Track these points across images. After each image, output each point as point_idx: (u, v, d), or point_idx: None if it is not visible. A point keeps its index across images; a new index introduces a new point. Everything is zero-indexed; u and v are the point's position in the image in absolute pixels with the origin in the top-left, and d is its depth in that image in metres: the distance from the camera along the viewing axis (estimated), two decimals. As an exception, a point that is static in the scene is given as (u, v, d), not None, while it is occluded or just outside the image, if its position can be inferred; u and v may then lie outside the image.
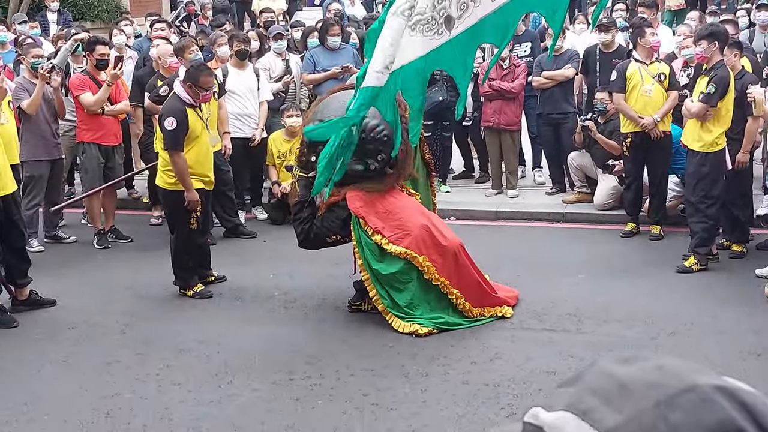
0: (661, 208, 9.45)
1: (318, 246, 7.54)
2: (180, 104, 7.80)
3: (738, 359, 6.35)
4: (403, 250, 6.94)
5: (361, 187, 7.09)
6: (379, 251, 7.03)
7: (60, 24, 15.63)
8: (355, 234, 7.07)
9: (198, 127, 7.95)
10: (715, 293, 7.72)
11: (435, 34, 4.81)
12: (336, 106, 7.06)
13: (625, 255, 8.99)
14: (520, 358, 6.51)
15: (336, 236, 7.32)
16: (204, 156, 8.12)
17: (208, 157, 8.23)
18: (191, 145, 7.90)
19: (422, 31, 4.81)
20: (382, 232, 6.97)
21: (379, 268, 7.00)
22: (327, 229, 7.27)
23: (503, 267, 8.65)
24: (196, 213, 8.00)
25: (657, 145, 9.21)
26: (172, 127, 7.69)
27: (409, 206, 7.23)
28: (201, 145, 8.03)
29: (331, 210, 7.24)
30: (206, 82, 7.84)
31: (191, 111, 7.85)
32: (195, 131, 7.89)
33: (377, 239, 6.97)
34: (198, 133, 7.93)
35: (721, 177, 8.24)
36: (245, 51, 10.44)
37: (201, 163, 8.07)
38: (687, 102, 8.39)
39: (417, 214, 7.18)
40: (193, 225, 8.03)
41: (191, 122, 7.82)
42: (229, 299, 8.04)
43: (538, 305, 7.56)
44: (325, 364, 6.46)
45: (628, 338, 6.81)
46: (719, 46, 8.04)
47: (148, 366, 6.57)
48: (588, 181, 10.59)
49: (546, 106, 10.97)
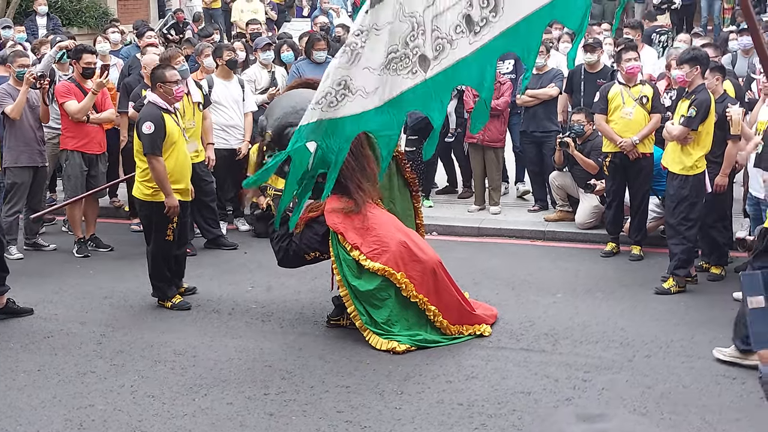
0: (641, 228, 9.50)
1: (297, 264, 7.55)
2: (156, 109, 7.83)
3: (712, 383, 6.38)
4: (381, 266, 6.95)
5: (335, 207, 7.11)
6: (357, 267, 7.03)
7: (49, 29, 15.59)
8: (333, 250, 7.07)
9: (175, 132, 7.91)
10: (693, 316, 7.75)
11: (410, 73, 4.78)
12: (285, 103, 7.28)
13: (605, 275, 9.02)
14: (495, 377, 6.53)
15: (315, 253, 7.32)
16: (182, 164, 8.04)
17: (186, 166, 8.15)
18: (169, 152, 7.87)
19: (396, 69, 4.78)
20: (360, 248, 6.98)
21: (357, 284, 7.01)
22: (306, 245, 7.27)
23: (483, 284, 8.68)
24: (173, 224, 7.94)
25: (638, 167, 9.26)
26: (150, 131, 7.70)
27: (386, 222, 7.24)
28: (179, 153, 7.98)
29: (310, 226, 7.24)
30: (172, 76, 7.88)
31: (168, 116, 7.86)
32: (172, 136, 7.86)
33: (355, 255, 6.98)
34: (175, 139, 7.89)
35: (700, 200, 8.28)
36: (235, 60, 10.45)
37: (179, 171, 8.01)
38: (668, 125, 8.45)
39: (395, 230, 7.20)
40: (169, 236, 7.97)
41: (168, 127, 7.82)
42: (206, 311, 8.03)
43: (515, 324, 7.58)
44: (300, 379, 6.46)
45: (604, 360, 6.83)
46: (701, 70, 8.11)
47: (122, 377, 6.55)
48: (570, 200, 10.63)
49: (529, 124, 11.01)
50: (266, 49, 11.24)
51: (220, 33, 17.72)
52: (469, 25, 4.61)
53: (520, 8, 4.49)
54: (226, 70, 10.37)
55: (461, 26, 4.63)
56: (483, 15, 4.58)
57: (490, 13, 4.56)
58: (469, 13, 4.62)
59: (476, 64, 4.77)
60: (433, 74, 4.80)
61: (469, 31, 4.62)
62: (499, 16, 4.53)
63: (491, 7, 4.56)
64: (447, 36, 4.70)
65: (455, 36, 4.68)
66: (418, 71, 4.79)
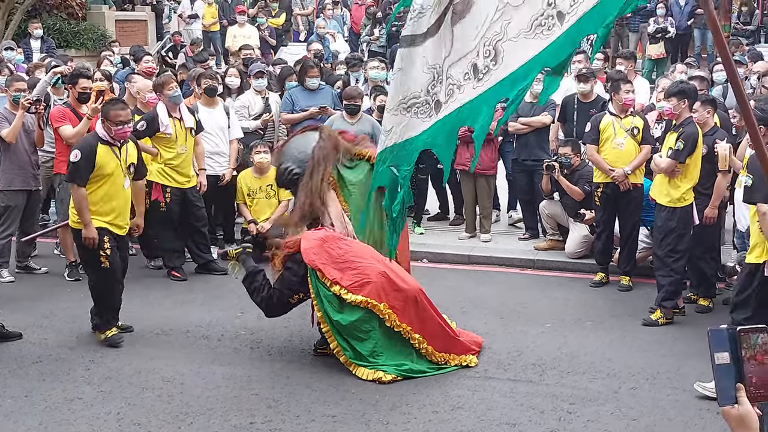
0: (630, 259, 9.54)
1: (284, 310, 7.57)
2: (93, 139, 7.78)
3: (696, 416, 6.41)
4: (363, 299, 6.99)
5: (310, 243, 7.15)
6: (338, 302, 7.07)
7: (43, 51, 15.69)
8: (312, 287, 7.11)
9: (110, 165, 7.74)
10: (680, 347, 7.77)
11: (426, 117, 5.08)
12: (300, 143, 7.46)
13: (593, 305, 9.05)
14: (481, 408, 6.55)
15: (299, 294, 7.35)
16: (112, 197, 7.82)
17: (119, 199, 7.88)
18: (99, 183, 7.72)
19: (416, 113, 5.08)
20: (341, 282, 7.01)
21: (340, 318, 7.04)
22: (288, 290, 7.33)
23: (471, 312, 8.71)
24: (104, 251, 7.76)
25: (628, 197, 9.32)
26: (75, 160, 7.65)
27: (365, 253, 7.27)
28: (111, 186, 7.78)
29: (288, 268, 7.29)
30: (115, 116, 7.64)
31: (105, 148, 7.71)
32: (105, 169, 7.71)
33: (336, 290, 7.01)
34: (109, 171, 7.73)
35: (688, 231, 8.34)
36: (214, 88, 10.50)
37: (108, 203, 7.81)
38: (656, 158, 8.51)
39: (374, 261, 7.22)
40: (104, 263, 7.78)
41: (100, 159, 7.66)
42: (196, 337, 8.05)
43: (503, 354, 7.61)
44: (286, 408, 6.48)
45: (590, 391, 6.86)
46: (688, 103, 8.18)
47: (109, 404, 6.56)
48: (560, 229, 10.68)
49: (521, 152, 11.08)
50: (259, 76, 11.32)
51: (217, 57, 17.85)
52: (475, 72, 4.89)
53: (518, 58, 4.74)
54: (208, 98, 10.42)
55: (469, 74, 4.92)
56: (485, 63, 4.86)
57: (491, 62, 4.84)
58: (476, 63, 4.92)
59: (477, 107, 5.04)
60: (443, 116, 5.07)
61: (474, 77, 4.90)
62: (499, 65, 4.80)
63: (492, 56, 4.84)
64: (457, 82, 4.99)
65: (463, 82, 4.97)
66: (433, 114, 5.10)
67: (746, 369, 2.44)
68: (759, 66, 12.44)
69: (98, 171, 7.67)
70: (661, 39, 19.19)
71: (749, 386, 2.45)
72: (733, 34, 19.48)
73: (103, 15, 20.14)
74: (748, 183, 6.80)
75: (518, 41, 4.67)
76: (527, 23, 4.59)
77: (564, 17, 4.44)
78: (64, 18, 19.16)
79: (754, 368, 2.44)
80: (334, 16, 20.68)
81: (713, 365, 2.45)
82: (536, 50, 4.65)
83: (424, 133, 5.12)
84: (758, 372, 2.44)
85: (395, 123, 5.10)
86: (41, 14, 18.69)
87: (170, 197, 9.72)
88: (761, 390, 2.45)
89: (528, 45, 4.61)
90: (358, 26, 20.97)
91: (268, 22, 20.28)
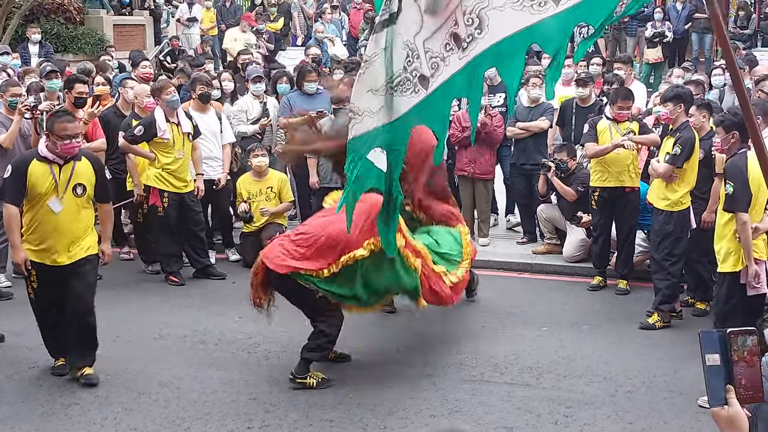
0: (628, 263, 9.55)
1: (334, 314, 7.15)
2: (29, 156, 7.01)
3: (693, 419, 6.42)
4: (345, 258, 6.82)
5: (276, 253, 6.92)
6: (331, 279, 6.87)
7: (41, 56, 15.69)
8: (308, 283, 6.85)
9: (43, 185, 6.79)
10: (677, 351, 7.77)
11: (412, 93, 5.02)
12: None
13: (590, 308, 9.06)
14: (478, 412, 6.56)
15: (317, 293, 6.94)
16: (40, 222, 6.88)
17: (47, 225, 6.87)
18: (28, 206, 6.90)
19: (401, 91, 5.01)
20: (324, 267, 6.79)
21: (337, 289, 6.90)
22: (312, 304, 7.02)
23: (469, 316, 8.73)
24: (30, 283, 7.04)
25: (625, 201, 9.32)
26: (5, 175, 7.00)
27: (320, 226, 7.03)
28: (40, 209, 6.86)
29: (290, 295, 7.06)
30: (61, 129, 6.71)
31: (42, 166, 6.80)
32: (37, 188, 6.79)
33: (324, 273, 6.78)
34: (41, 191, 6.79)
35: (685, 235, 8.35)
36: (208, 95, 10.51)
37: (36, 231, 6.92)
38: (653, 162, 8.52)
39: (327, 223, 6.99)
40: (30, 293, 7.10)
41: (34, 179, 6.77)
42: (193, 341, 8.05)
43: (500, 357, 7.61)
44: (283, 412, 6.48)
45: (586, 394, 6.87)
46: (684, 107, 8.19)
47: (106, 409, 6.56)
48: (558, 233, 10.69)
49: (519, 156, 11.10)
50: (257, 80, 11.34)
51: (215, 61, 17.87)
52: (457, 42, 4.85)
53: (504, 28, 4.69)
54: (200, 104, 10.43)
55: (450, 44, 4.87)
56: (469, 32, 4.80)
57: (476, 30, 4.79)
58: (456, 32, 4.86)
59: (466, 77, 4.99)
60: (433, 90, 5.03)
61: (458, 47, 4.85)
62: (485, 33, 4.75)
63: (476, 24, 4.79)
64: (439, 54, 4.94)
65: (446, 53, 4.92)
66: (420, 89, 5.06)
67: (736, 371, 2.47)
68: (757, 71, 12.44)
69: (31, 192, 6.81)
70: (659, 43, 19.24)
71: (739, 388, 2.47)
72: (730, 38, 19.43)
73: (101, 19, 20.14)
74: (729, 191, 6.60)
75: (504, 11, 4.63)
76: None
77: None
78: (61, 22, 19.17)
79: (743, 370, 2.46)
80: (333, 21, 20.69)
81: (704, 367, 2.47)
82: (524, 24, 4.60)
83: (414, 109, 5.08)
84: (747, 374, 2.46)
85: (383, 103, 5.06)
86: (39, 19, 18.69)
87: (168, 202, 9.72)
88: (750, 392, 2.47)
89: (515, 17, 4.56)
90: (357, 30, 20.97)
91: (267, 27, 20.30)
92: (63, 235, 6.85)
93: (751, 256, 6.52)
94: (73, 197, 6.84)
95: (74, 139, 6.79)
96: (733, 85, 3.70)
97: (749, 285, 6.55)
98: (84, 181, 6.88)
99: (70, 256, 6.89)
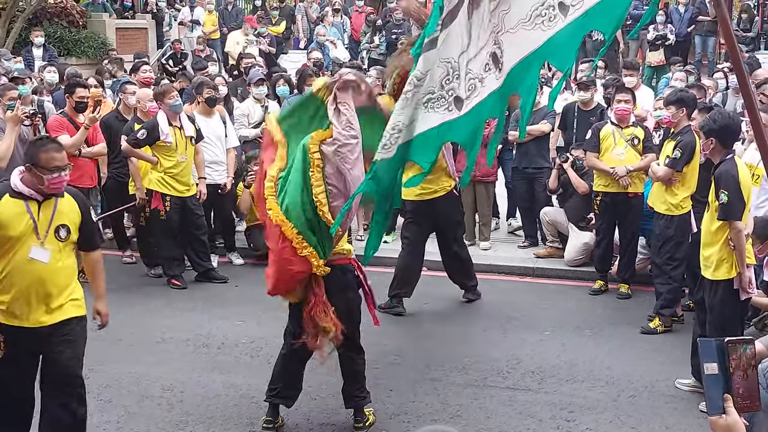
0: (630, 267, 9.55)
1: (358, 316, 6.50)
2: (1, 191, 5.35)
3: (695, 425, 6.42)
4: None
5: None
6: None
7: (45, 60, 15.74)
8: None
9: (17, 227, 5.26)
10: (679, 355, 7.76)
11: (446, 110, 5.02)
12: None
13: (592, 312, 9.07)
14: (480, 416, 6.57)
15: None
16: (12, 272, 5.30)
17: (21, 276, 5.30)
18: (6, 249, 5.28)
19: (433, 108, 5.01)
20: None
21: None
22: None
23: (470, 320, 8.74)
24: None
25: (628, 206, 9.33)
26: None
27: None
28: (13, 256, 5.29)
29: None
30: (49, 160, 5.30)
31: (16, 203, 5.29)
32: (8, 230, 5.24)
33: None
34: (13, 234, 5.25)
35: (686, 239, 8.35)
36: (215, 99, 10.52)
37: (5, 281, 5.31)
38: (653, 166, 8.53)
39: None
40: None
41: (4, 219, 5.24)
42: (196, 345, 8.07)
43: (502, 362, 7.62)
44: (285, 417, 6.48)
45: (589, 399, 6.88)
46: (687, 111, 8.20)
47: (109, 413, 6.58)
48: (560, 236, 10.70)
49: (521, 160, 11.12)
50: (259, 84, 11.36)
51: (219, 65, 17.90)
52: (496, 62, 4.83)
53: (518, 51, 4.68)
54: (206, 107, 10.45)
55: (489, 65, 4.85)
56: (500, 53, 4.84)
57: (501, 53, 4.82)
58: (495, 52, 4.84)
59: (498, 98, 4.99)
60: (468, 110, 5.03)
61: (496, 68, 4.84)
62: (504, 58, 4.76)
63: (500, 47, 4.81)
64: (478, 76, 4.92)
65: (484, 74, 4.90)
66: (453, 109, 5.03)
67: (733, 380, 2.48)
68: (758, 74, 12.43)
69: (3, 232, 5.26)
70: (661, 46, 19.23)
71: (736, 397, 2.48)
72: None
73: (104, 23, 20.17)
74: (723, 200, 6.49)
75: (516, 33, 4.61)
76: (526, 13, 4.51)
77: (567, 9, 4.35)
78: (64, 26, 19.20)
79: (740, 379, 2.48)
80: (334, 24, 20.73)
81: (702, 375, 2.49)
82: (537, 44, 4.56)
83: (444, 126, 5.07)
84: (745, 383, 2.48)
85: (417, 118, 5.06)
86: (42, 22, 18.73)
87: (170, 206, 9.74)
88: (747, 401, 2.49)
89: (528, 37, 4.53)
90: (358, 33, 21.02)
91: (268, 30, 20.32)
92: (43, 291, 5.36)
93: (745, 263, 6.52)
94: (56, 241, 5.38)
95: (63, 171, 5.36)
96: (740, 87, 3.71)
97: (743, 291, 6.56)
98: (68, 222, 5.44)
99: (52, 315, 5.41)
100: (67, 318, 5.46)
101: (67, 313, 5.46)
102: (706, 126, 6.76)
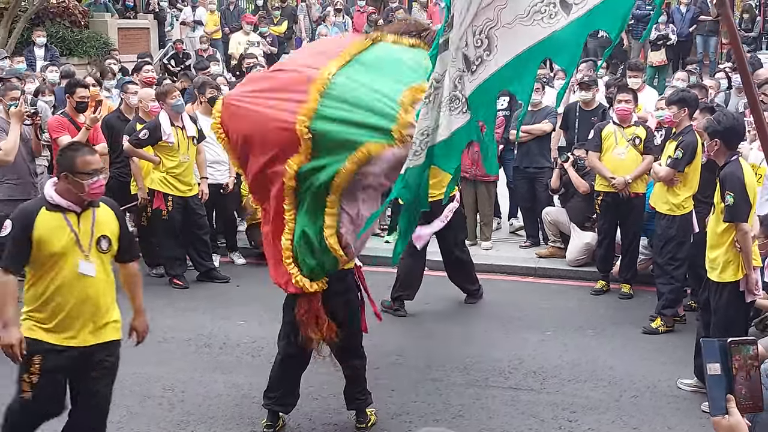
0: (631, 267, 9.55)
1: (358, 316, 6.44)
2: (36, 206, 5.11)
3: (697, 425, 6.42)
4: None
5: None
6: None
7: (47, 59, 15.73)
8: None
9: (58, 242, 5.00)
10: (680, 355, 7.76)
11: (460, 113, 4.96)
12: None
13: (594, 312, 9.07)
14: (482, 416, 6.57)
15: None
16: (59, 290, 5.04)
17: (70, 295, 5.07)
18: (41, 271, 5.04)
19: (452, 109, 4.94)
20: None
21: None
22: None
23: (472, 320, 8.73)
24: (29, 376, 5.08)
25: (630, 206, 9.32)
26: (3, 233, 5.09)
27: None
28: (57, 273, 5.02)
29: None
30: (85, 164, 5.03)
31: (53, 217, 5.03)
32: (49, 246, 4.97)
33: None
34: (55, 250, 4.98)
35: (688, 239, 8.35)
36: (217, 98, 10.46)
37: (50, 302, 5.07)
38: (655, 166, 8.52)
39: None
40: (24, 392, 5.10)
41: (44, 235, 4.98)
42: (198, 345, 8.07)
43: (504, 362, 7.62)
44: (287, 417, 6.48)
45: (591, 399, 6.87)
46: (689, 111, 8.18)
47: (111, 413, 6.45)
48: (562, 236, 10.70)
49: (522, 159, 11.10)
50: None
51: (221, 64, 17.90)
52: (467, 64, 4.70)
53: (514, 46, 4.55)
54: (209, 107, 10.42)
55: (462, 68, 4.75)
56: (478, 54, 4.66)
57: (485, 52, 4.64)
58: (466, 53, 4.71)
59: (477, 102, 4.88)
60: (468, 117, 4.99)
61: (468, 70, 4.71)
62: (493, 55, 4.60)
63: (485, 46, 4.63)
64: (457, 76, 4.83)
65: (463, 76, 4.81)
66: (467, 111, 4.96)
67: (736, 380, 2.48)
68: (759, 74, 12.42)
69: (38, 253, 4.99)
70: (663, 46, 19.22)
71: (739, 397, 2.48)
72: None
73: (106, 23, 20.17)
74: (729, 202, 6.46)
75: (513, 28, 4.52)
76: (524, 9, 4.43)
77: (570, 7, 4.28)
78: (66, 26, 19.20)
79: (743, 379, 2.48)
80: (336, 24, 20.72)
81: (705, 375, 2.49)
82: (535, 39, 4.48)
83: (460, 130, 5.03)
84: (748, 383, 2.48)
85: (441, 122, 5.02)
86: (44, 22, 18.73)
87: (172, 205, 9.74)
88: (750, 401, 2.49)
89: (525, 33, 4.45)
90: (360, 33, 21.00)
91: (270, 30, 20.32)
92: (92, 307, 5.17)
93: (751, 265, 6.51)
94: (98, 254, 5.15)
95: (101, 175, 5.14)
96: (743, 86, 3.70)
97: (749, 292, 6.55)
98: (108, 232, 5.21)
99: (96, 334, 5.23)
100: (109, 340, 5.31)
101: (109, 335, 5.31)
102: (710, 127, 6.74)
